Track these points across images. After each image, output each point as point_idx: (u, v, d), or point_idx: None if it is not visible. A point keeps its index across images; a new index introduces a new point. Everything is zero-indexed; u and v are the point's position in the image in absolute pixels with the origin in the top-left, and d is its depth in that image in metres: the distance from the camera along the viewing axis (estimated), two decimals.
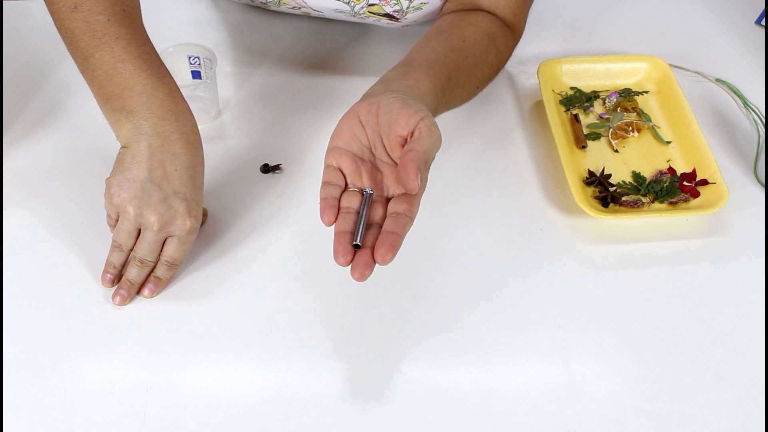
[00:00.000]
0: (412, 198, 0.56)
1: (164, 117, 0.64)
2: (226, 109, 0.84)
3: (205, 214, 0.72)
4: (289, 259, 0.71)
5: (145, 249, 0.65)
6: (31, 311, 0.66)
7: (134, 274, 0.66)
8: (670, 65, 0.86)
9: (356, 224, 0.56)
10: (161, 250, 0.67)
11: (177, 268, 0.68)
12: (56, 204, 0.74)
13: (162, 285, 0.67)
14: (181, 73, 0.81)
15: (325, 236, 0.72)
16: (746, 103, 0.86)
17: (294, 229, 0.73)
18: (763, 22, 0.96)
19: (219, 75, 0.86)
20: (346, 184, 0.58)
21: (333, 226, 0.56)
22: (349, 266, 0.54)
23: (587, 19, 0.97)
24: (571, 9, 0.98)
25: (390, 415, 0.61)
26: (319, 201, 0.57)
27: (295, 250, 0.71)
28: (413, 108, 0.57)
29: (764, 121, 0.84)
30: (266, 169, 0.78)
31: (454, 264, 0.71)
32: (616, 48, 0.92)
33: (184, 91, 0.71)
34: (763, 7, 0.97)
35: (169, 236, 0.66)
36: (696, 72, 0.90)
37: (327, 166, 0.59)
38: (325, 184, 0.58)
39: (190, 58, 0.81)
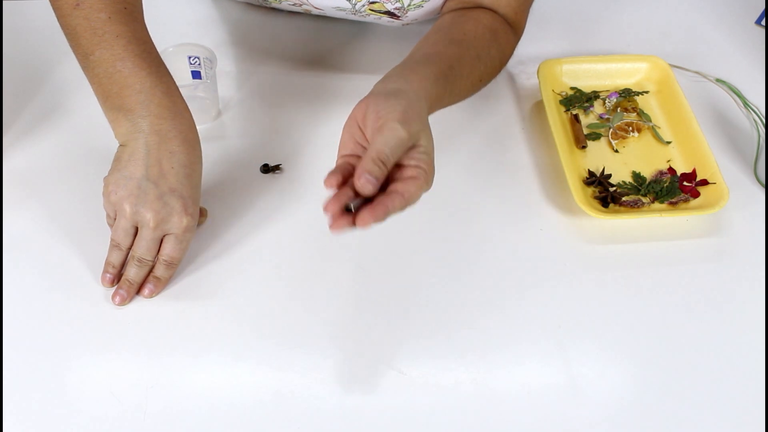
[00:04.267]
0: (411, 182, 0.56)
1: (162, 115, 0.64)
2: (226, 109, 0.84)
3: (204, 214, 0.72)
4: (290, 259, 0.71)
5: (143, 247, 0.65)
6: (31, 311, 0.66)
7: (133, 274, 0.66)
8: (670, 65, 0.86)
9: (355, 197, 0.55)
10: (159, 249, 0.67)
11: (176, 268, 0.68)
12: (56, 204, 0.74)
13: (162, 285, 0.67)
14: (181, 73, 0.81)
15: (325, 237, 0.72)
16: (746, 103, 0.86)
17: (294, 229, 0.73)
18: (763, 22, 0.96)
19: (219, 75, 0.86)
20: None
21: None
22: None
23: (587, 19, 0.97)
24: (571, 9, 0.99)
25: (390, 415, 0.61)
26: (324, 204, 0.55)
27: (295, 251, 0.71)
28: (388, 105, 0.56)
29: (764, 121, 0.84)
30: (266, 169, 0.78)
31: (454, 264, 0.71)
32: (616, 48, 0.92)
33: (184, 91, 0.71)
34: (763, 7, 0.97)
35: (167, 234, 0.66)
36: (696, 72, 0.90)
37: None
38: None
39: (190, 58, 0.81)
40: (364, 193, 0.54)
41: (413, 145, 0.57)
